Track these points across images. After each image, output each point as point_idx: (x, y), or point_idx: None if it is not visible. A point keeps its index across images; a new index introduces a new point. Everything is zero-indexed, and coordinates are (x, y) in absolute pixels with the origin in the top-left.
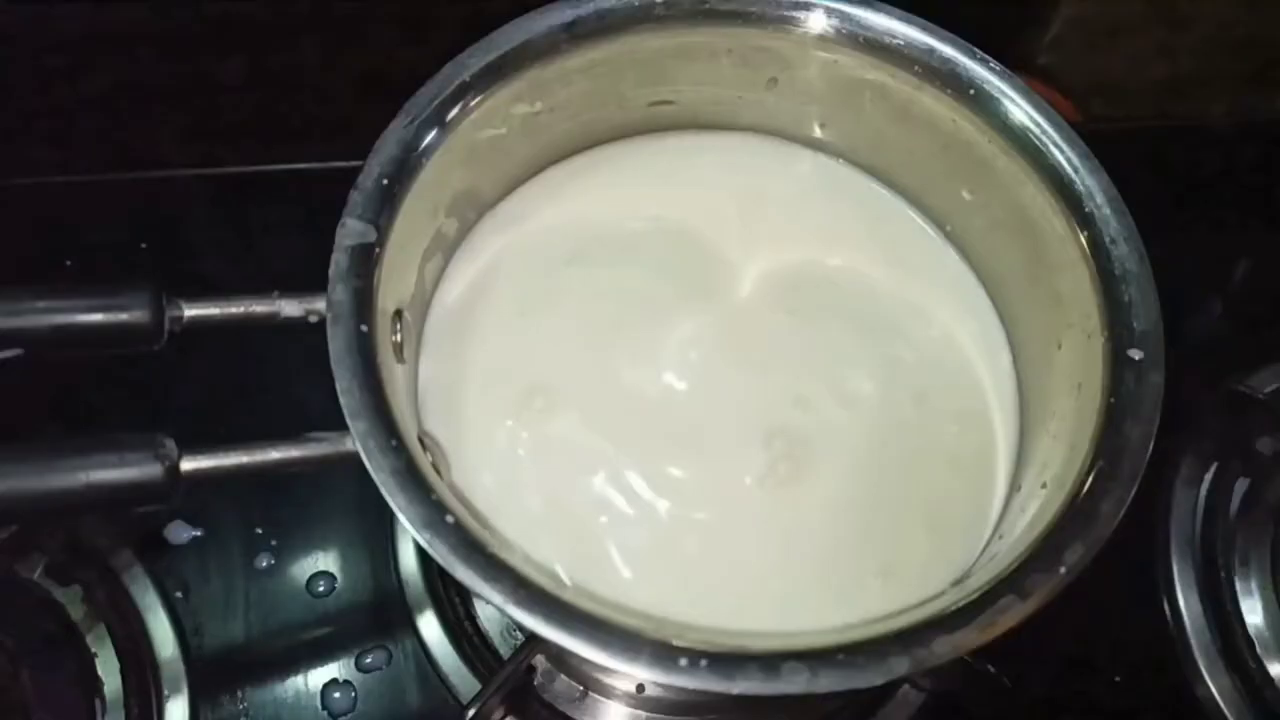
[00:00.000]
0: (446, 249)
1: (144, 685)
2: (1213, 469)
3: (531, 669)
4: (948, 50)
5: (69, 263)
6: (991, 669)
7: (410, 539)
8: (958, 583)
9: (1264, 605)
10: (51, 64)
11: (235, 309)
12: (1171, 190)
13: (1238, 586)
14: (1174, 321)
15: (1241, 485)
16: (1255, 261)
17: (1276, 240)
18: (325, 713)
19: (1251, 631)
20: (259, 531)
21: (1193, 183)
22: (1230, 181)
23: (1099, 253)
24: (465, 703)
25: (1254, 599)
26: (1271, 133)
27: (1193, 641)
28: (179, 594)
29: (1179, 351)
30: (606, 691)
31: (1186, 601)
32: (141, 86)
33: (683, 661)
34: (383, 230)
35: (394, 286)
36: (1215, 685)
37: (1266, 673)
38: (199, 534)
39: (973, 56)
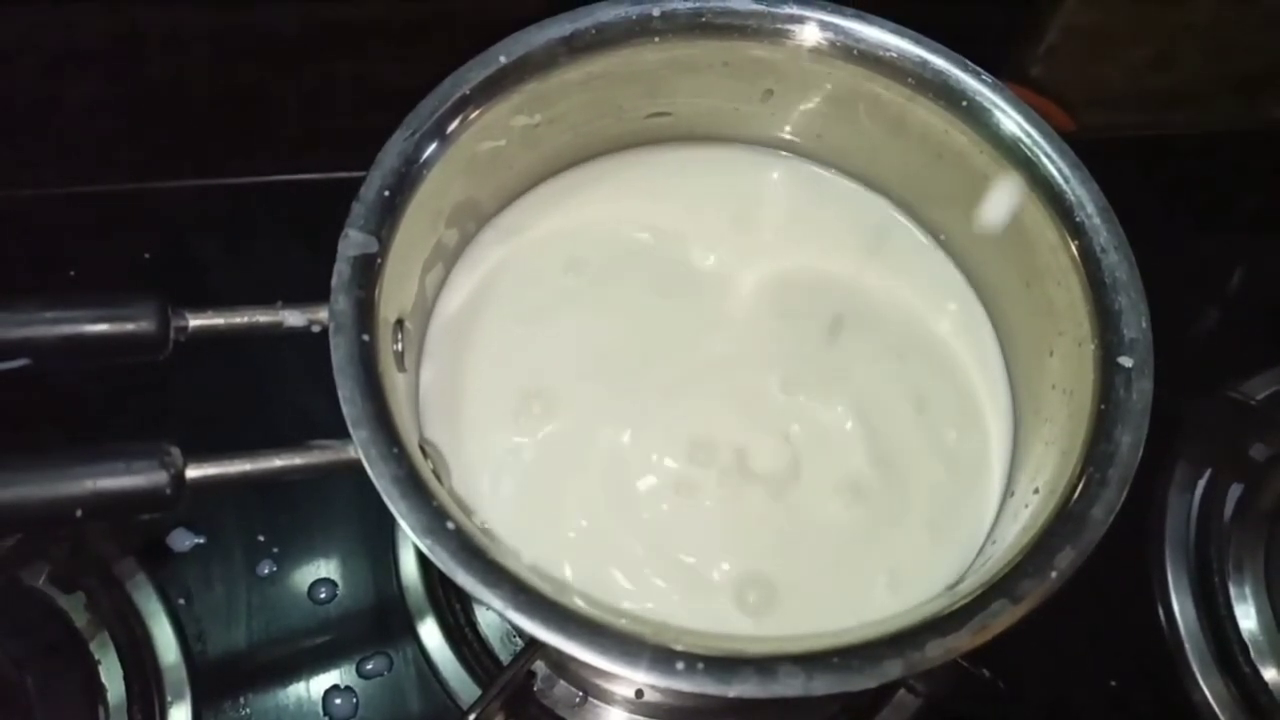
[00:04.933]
0: (447, 259)
1: (147, 692)
2: (1206, 475)
3: (531, 674)
4: (940, 62)
5: (73, 273)
6: (987, 674)
7: (411, 546)
8: (952, 587)
9: (1258, 610)
10: (55, 74)
11: (239, 319)
12: (1166, 199)
13: (1232, 592)
14: (1169, 329)
15: (1235, 491)
16: (1249, 269)
17: (1269, 248)
18: (327, 719)
19: (1246, 636)
20: (261, 539)
21: (1187, 192)
22: (1224, 190)
23: (1090, 262)
24: (466, 708)
25: (1248, 604)
26: (1264, 142)
27: (1187, 646)
28: (182, 601)
29: (1173, 359)
30: (606, 697)
31: (1181, 607)
32: (146, 97)
33: (680, 665)
34: (384, 241)
35: (395, 296)
36: (1210, 690)
37: (1260, 677)
38: (201, 541)
39: (965, 68)
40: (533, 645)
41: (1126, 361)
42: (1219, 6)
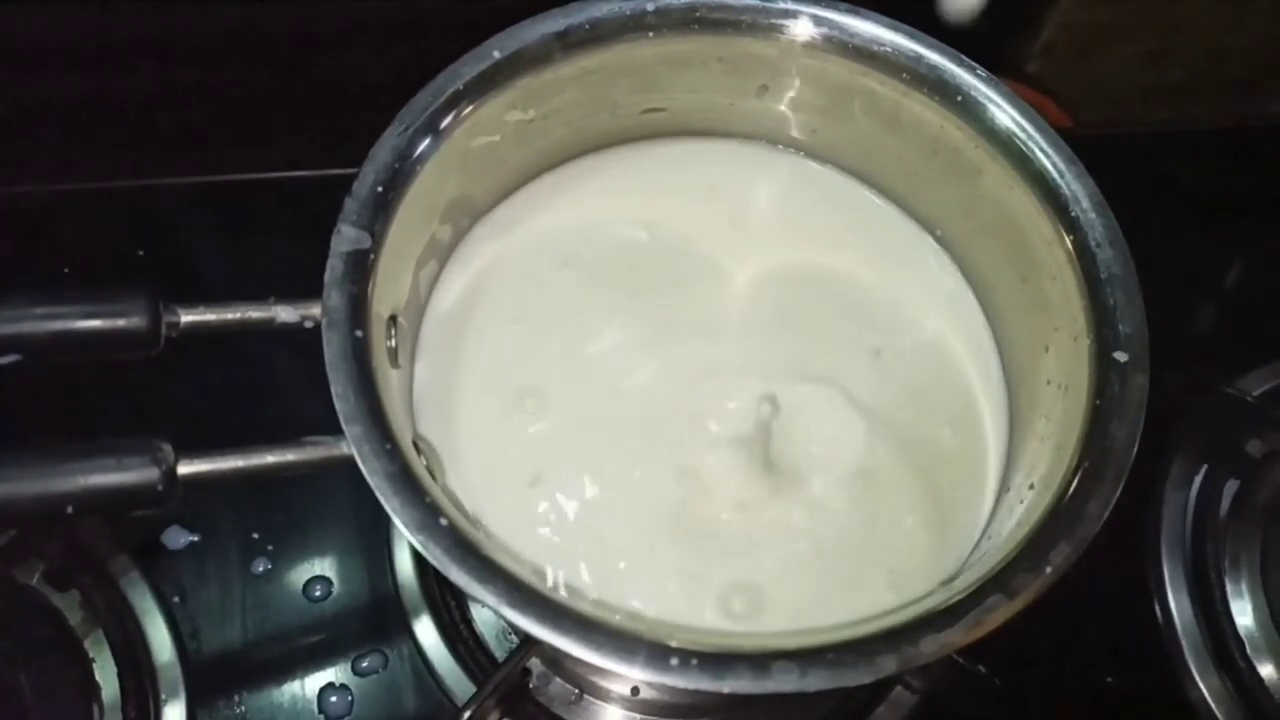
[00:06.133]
0: (441, 255)
1: (141, 689)
2: (1203, 471)
3: (526, 672)
4: (934, 57)
5: (66, 269)
6: (983, 670)
7: (406, 543)
8: (947, 582)
9: (1254, 606)
10: (48, 70)
11: (231, 315)
12: (1162, 194)
13: (1228, 588)
14: (1165, 324)
15: (1231, 487)
16: (1245, 264)
17: (1265, 243)
18: (322, 716)
19: (1242, 632)
20: (255, 536)
21: (1183, 187)
22: (1219, 185)
23: (1085, 256)
24: (461, 705)
25: (1244, 600)
26: (1259, 138)
27: (1183, 642)
28: (176, 599)
29: (1169, 354)
30: (601, 694)
31: (1177, 602)
32: (138, 94)
33: (674, 661)
34: (377, 237)
35: (389, 292)
36: (1206, 686)
37: (1257, 673)
38: (196, 539)
39: (959, 63)
40: (528, 642)
41: (1122, 356)
42: (1215, 3)
